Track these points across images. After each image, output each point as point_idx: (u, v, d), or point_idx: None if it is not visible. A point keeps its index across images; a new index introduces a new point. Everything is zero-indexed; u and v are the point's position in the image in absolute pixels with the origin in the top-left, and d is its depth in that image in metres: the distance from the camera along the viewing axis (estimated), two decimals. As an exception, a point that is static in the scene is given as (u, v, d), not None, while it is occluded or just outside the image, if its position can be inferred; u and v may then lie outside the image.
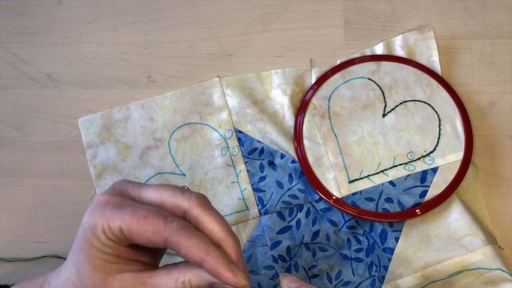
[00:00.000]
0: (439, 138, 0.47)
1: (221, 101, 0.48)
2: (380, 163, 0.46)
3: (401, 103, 0.48)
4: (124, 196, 0.30)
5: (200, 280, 0.29)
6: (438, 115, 0.47)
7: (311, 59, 0.50)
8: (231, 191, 0.47)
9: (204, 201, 0.29)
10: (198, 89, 0.49)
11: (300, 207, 0.46)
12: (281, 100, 0.48)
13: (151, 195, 0.30)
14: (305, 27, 0.51)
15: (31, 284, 0.34)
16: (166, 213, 0.28)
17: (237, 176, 0.47)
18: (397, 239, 0.45)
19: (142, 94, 0.49)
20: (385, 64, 0.49)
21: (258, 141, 0.47)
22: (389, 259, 0.44)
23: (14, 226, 0.46)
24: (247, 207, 0.46)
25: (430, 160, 0.46)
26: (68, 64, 0.50)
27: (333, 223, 0.46)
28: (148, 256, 0.31)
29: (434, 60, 0.49)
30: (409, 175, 0.46)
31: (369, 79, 0.48)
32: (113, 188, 0.31)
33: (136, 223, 0.27)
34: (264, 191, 0.46)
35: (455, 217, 0.45)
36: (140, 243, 0.28)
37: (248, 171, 0.47)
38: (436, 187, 0.45)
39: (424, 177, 0.46)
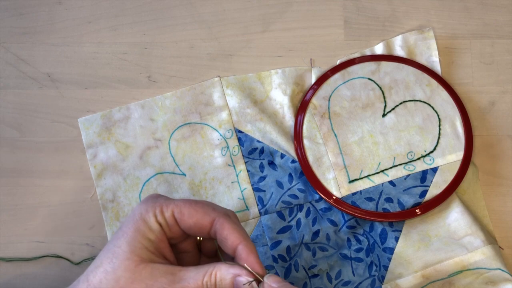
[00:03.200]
0: (439, 138, 0.47)
1: (221, 101, 0.48)
2: (380, 163, 0.46)
3: (401, 103, 0.48)
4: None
5: (226, 273, 0.31)
6: (438, 115, 0.47)
7: (311, 59, 0.50)
8: (231, 191, 0.47)
9: (230, 216, 0.34)
10: (198, 89, 0.49)
11: (300, 207, 0.46)
12: (281, 100, 0.48)
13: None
14: (305, 27, 0.51)
15: None
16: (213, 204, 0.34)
17: (237, 176, 0.47)
18: (397, 239, 0.45)
19: (142, 94, 0.49)
20: (385, 64, 0.49)
21: (258, 141, 0.47)
22: (389, 259, 0.44)
23: (14, 226, 0.46)
24: (247, 207, 0.46)
25: (430, 160, 0.46)
26: (68, 64, 0.50)
27: (333, 223, 0.46)
28: (177, 262, 0.34)
29: (434, 60, 0.49)
30: (409, 175, 0.46)
31: (369, 79, 0.48)
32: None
33: (188, 206, 0.32)
34: (264, 191, 0.46)
35: (455, 217, 0.45)
36: (187, 227, 0.32)
37: (248, 171, 0.47)
38: (436, 187, 0.45)
39: (424, 177, 0.46)
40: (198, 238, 0.36)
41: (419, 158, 0.46)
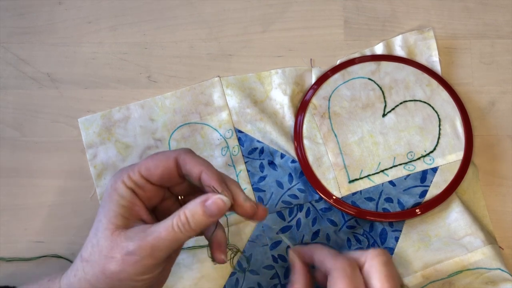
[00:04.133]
0: (439, 138, 0.47)
1: (221, 101, 0.48)
2: (380, 163, 0.46)
3: (401, 103, 0.48)
4: None
5: (194, 205, 0.32)
6: (438, 115, 0.47)
7: (311, 59, 0.50)
8: (231, 191, 0.47)
9: (191, 150, 0.36)
10: (198, 89, 0.49)
11: (300, 207, 0.46)
12: (281, 100, 0.48)
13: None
14: (305, 27, 0.51)
15: (37, 285, 0.36)
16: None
17: (237, 176, 0.47)
18: (397, 239, 0.45)
19: (142, 94, 0.49)
20: (385, 64, 0.49)
21: (258, 141, 0.47)
22: (389, 259, 0.44)
23: (14, 226, 0.46)
24: (247, 207, 0.46)
25: (430, 160, 0.46)
26: (68, 64, 0.50)
27: (333, 223, 0.46)
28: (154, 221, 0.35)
29: (434, 60, 0.49)
30: (409, 175, 0.46)
31: (369, 79, 0.48)
32: None
33: (150, 160, 0.34)
34: (264, 191, 0.46)
35: (455, 217, 0.45)
36: (157, 177, 0.34)
37: (248, 171, 0.47)
38: (436, 187, 0.45)
39: (424, 177, 0.46)
40: (179, 197, 0.38)
41: (419, 158, 0.46)
